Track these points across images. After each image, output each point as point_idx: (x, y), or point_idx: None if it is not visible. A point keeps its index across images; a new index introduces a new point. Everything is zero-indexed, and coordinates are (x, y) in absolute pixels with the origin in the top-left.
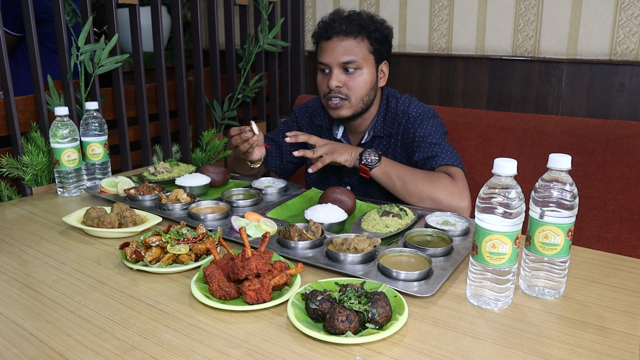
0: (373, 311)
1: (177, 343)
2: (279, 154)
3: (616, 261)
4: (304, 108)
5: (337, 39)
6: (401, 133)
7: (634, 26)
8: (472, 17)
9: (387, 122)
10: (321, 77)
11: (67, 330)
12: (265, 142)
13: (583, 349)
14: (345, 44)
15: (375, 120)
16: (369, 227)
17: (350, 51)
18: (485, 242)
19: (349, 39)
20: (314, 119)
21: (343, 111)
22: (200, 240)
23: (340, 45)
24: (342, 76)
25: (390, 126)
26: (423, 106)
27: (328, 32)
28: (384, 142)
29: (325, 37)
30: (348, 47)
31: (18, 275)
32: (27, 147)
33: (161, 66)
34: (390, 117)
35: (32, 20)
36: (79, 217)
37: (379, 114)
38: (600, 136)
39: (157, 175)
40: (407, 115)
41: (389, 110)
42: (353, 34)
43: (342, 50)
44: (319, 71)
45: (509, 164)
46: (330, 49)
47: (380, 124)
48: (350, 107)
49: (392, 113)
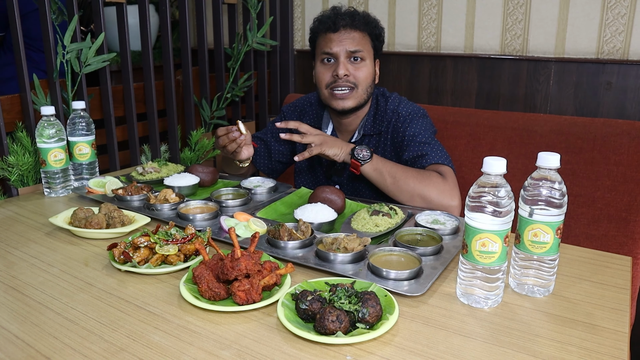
0: (363, 311)
1: (167, 345)
2: (267, 153)
3: (604, 258)
4: (292, 107)
5: (344, 31)
6: (391, 132)
7: (620, 25)
8: (461, 16)
9: (377, 121)
10: (324, 68)
11: (54, 333)
12: (253, 141)
13: (572, 346)
14: (352, 36)
15: (366, 118)
16: (358, 226)
17: (357, 42)
18: (475, 240)
19: (355, 32)
20: (302, 118)
21: (348, 102)
22: (189, 240)
23: (348, 36)
24: (349, 65)
25: (380, 125)
26: (413, 105)
27: (336, 25)
28: (374, 141)
29: (332, 29)
30: (355, 37)
31: (4, 277)
32: (12, 147)
33: (149, 65)
34: (380, 115)
35: (18, 18)
36: (66, 217)
37: (369, 113)
38: (588, 134)
39: (145, 175)
40: (397, 114)
41: (379, 108)
42: (359, 28)
43: (349, 41)
44: (319, 63)
45: (499, 163)
46: (337, 39)
47: (370, 122)
48: (356, 98)
49: (381, 112)
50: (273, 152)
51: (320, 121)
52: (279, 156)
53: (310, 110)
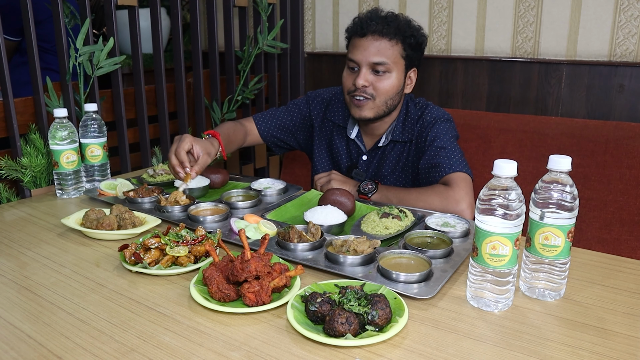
0: (373, 313)
1: (177, 345)
2: (277, 128)
3: (616, 263)
4: (319, 98)
5: (371, 38)
6: (415, 138)
7: (633, 27)
8: (472, 18)
9: (406, 128)
10: (348, 74)
11: (66, 332)
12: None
13: (584, 351)
14: (379, 45)
15: (395, 124)
16: (368, 228)
17: (383, 52)
18: (486, 243)
19: (383, 40)
20: (327, 113)
21: (365, 112)
22: (199, 242)
23: (373, 45)
24: (370, 76)
25: (409, 132)
26: (438, 110)
27: (363, 30)
28: (399, 148)
29: (359, 34)
30: (381, 48)
31: (16, 277)
32: (26, 149)
33: (160, 68)
34: (409, 122)
35: (32, 23)
36: (77, 219)
37: (399, 119)
38: (600, 137)
39: (156, 177)
40: (422, 121)
41: (409, 115)
42: (388, 36)
43: (374, 50)
44: (346, 67)
45: (509, 166)
46: (362, 47)
47: (399, 128)
48: (374, 108)
49: (411, 119)
50: (285, 133)
51: (346, 121)
52: (290, 139)
53: (337, 107)
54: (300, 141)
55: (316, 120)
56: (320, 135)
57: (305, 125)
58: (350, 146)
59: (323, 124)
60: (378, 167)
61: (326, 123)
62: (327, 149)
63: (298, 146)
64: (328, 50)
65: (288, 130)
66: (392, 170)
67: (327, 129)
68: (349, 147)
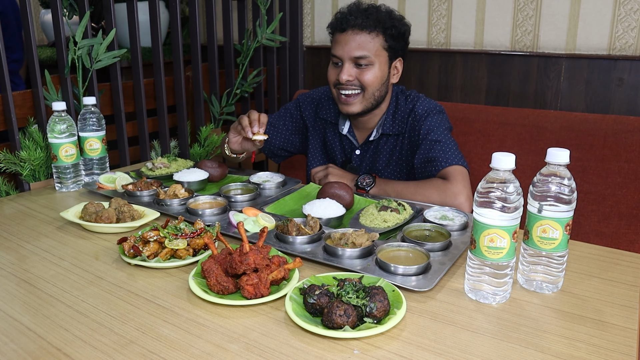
0: (371, 305)
1: (175, 338)
2: (276, 137)
3: (614, 255)
4: (309, 98)
5: (351, 32)
6: (408, 131)
7: (632, 21)
8: (471, 12)
9: (396, 121)
10: (332, 69)
11: (65, 325)
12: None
13: (581, 343)
14: (359, 38)
15: (385, 117)
16: (367, 221)
17: (363, 46)
18: (484, 236)
19: (363, 34)
20: (319, 112)
21: (353, 107)
22: (198, 235)
23: (353, 39)
24: (353, 70)
25: (400, 125)
26: (429, 102)
27: (343, 25)
28: (392, 141)
29: (340, 29)
30: (362, 41)
31: (16, 270)
32: (24, 142)
33: (159, 61)
34: (399, 115)
35: (30, 16)
36: (76, 212)
37: (389, 112)
38: (599, 131)
39: (155, 170)
40: (414, 113)
41: (399, 108)
42: (368, 29)
43: (355, 45)
44: (331, 62)
45: (507, 158)
46: (343, 41)
47: (389, 121)
48: (363, 102)
49: (401, 111)
50: (281, 139)
51: (337, 117)
52: (287, 145)
53: (327, 104)
54: (297, 144)
55: (309, 120)
56: (314, 134)
57: (299, 128)
58: (343, 141)
59: (316, 123)
60: (372, 161)
61: (319, 121)
62: (321, 146)
63: (296, 150)
64: (327, 43)
65: (283, 136)
66: (386, 164)
67: (320, 127)
68: (342, 143)
